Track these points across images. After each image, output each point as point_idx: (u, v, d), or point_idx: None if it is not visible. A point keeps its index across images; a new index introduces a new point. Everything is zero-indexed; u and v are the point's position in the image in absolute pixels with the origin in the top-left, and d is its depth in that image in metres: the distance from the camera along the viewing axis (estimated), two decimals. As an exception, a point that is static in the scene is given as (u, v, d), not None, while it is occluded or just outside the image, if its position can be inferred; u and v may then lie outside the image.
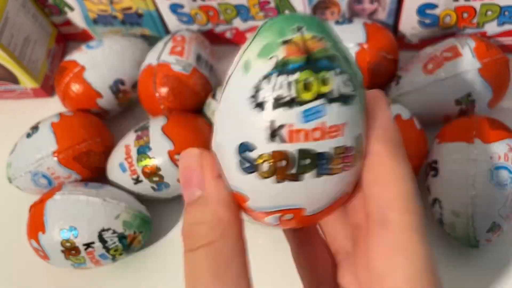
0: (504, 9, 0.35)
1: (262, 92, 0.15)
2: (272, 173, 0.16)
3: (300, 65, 0.15)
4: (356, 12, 0.39)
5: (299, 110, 0.15)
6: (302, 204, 0.17)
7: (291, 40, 0.15)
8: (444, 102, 0.34)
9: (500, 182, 0.29)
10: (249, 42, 0.16)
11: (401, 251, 0.16)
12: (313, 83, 0.15)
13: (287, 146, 0.15)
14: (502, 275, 0.32)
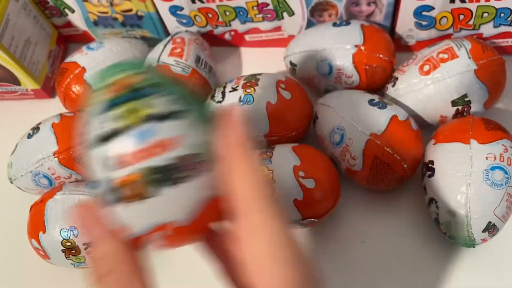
0: (500, 11, 0.36)
1: (100, 129, 0.18)
2: (130, 196, 0.18)
3: (125, 97, 0.17)
4: (353, 14, 0.39)
5: (133, 135, 0.17)
6: (169, 217, 0.18)
7: (115, 81, 0.18)
8: (440, 103, 0.34)
9: (496, 182, 0.30)
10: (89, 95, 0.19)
11: (259, 232, 0.18)
12: (138, 109, 0.17)
13: (132, 168, 0.17)
14: (498, 274, 0.32)
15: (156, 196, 0.18)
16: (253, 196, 0.19)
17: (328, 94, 0.36)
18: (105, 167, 0.18)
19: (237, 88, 0.36)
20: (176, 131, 0.18)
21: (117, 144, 0.17)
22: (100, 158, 0.18)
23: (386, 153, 0.32)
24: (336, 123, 0.33)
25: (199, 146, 0.18)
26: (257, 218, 0.18)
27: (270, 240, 0.18)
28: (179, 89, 0.19)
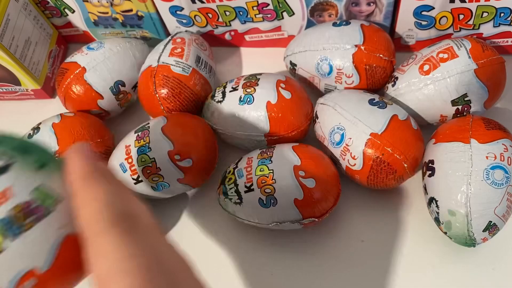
0: (500, 11, 0.36)
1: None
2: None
3: None
4: (353, 14, 0.39)
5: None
6: (28, 265, 0.19)
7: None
8: (440, 103, 0.34)
9: (496, 181, 0.30)
10: None
11: (96, 255, 0.18)
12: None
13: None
14: (498, 273, 0.32)
15: (6, 250, 0.18)
16: (95, 221, 0.18)
17: (328, 94, 0.36)
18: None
19: (237, 88, 0.36)
20: (5, 183, 0.18)
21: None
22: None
23: (386, 153, 0.32)
24: (336, 122, 0.33)
25: (31, 192, 0.19)
26: (94, 242, 0.18)
27: (107, 258, 0.18)
28: (5, 144, 0.20)
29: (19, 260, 0.18)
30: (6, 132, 0.21)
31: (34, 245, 0.19)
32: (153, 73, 0.37)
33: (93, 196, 0.19)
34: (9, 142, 0.20)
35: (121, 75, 0.39)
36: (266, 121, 0.34)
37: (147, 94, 0.37)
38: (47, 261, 0.19)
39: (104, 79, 0.38)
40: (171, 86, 0.36)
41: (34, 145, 0.21)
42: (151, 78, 0.37)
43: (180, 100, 0.37)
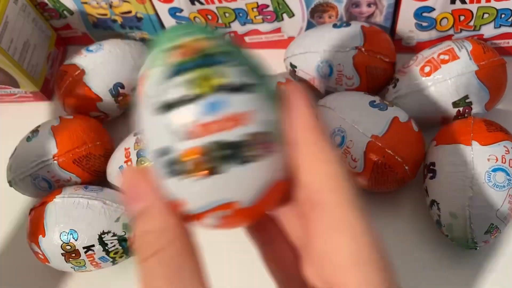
0: (501, 12, 0.36)
1: (165, 95, 0.16)
2: (194, 171, 0.16)
3: (196, 63, 0.16)
4: (353, 16, 0.39)
5: (203, 104, 0.16)
6: (234, 196, 0.17)
7: (183, 43, 0.16)
8: (442, 105, 0.34)
9: (498, 184, 0.29)
10: (149, 54, 0.17)
11: (340, 228, 0.16)
12: (210, 77, 0.16)
13: (201, 140, 0.16)
14: (500, 276, 0.32)
15: (222, 174, 0.16)
16: (332, 188, 0.16)
17: (328, 96, 0.36)
18: (168, 136, 0.16)
19: (237, 90, 0.35)
20: (249, 105, 0.16)
21: (186, 113, 0.16)
22: (163, 126, 0.16)
23: (387, 155, 0.31)
24: (337, 125, 0.33)
25: (270, 124, 0.17)
26: (337, 213, 0.16)
27: (353, 238, 0.16)
28: (249, 61, 0.17)
29: (231, 189, 0.17)
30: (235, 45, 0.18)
31: (248, 181, 0.17)
32: (153, 75, 0.37)
33: (327, 157, 0.17)
34: (252, 60, 0.17)
35: (120, 77, 0.39)
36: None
37: (147, 97, 0.37)
38: (251, 200, 0.17)
39: (103, 81, 0.38)
40: (171, 88, 0.36)
41: (266, 72, 0.18)
42: (150, 80, 0.37)
43: (180, 102, 0.36)
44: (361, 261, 0.16)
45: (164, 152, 0.16)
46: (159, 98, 0.16)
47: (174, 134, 0.16)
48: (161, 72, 0.16)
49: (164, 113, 0.16)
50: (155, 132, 0.16)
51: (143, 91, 0.16)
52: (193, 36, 0.16)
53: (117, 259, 0.33)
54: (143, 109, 0.17)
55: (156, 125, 0.16)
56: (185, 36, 0.16)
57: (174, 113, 0.16)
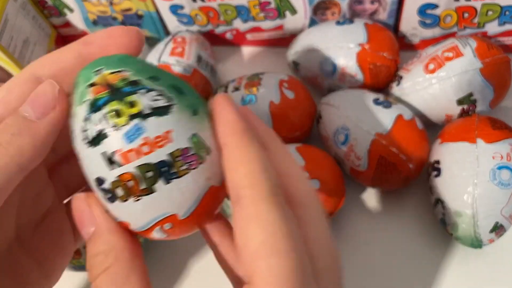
0: (505, 9, 0.35)
1: (88, 131, 0.18)
2: (128, 194, 0.18)
3: (106, 98, 0.18)
4: (357, 13, 0.38)
5: (121, 135, 0.17)
6: (171, 210, 0.19)
7: (94, 82, 0.18)
8: (446, 102, 0.34)
9: (503, 182, 0.29)
10: (76, 90, 0.19)
11: (252, 220, 0.17)
12: (122, 109, 0.18)
13: (127, 167, 0.18)
14: (505, 275, 0.32)
15: (154, 193, 0.18)
16: (249, 184, 0.18)
17: (332, 94, 0.36)
18: (99, 166, 0.18)
19: (239, 87, 0.35)
20: (162, 127, 0.18)
21: (107, 145, 0.18)
22: (94, 158, 0.18)
23: (392, 153, 0.31)
24: (340, 122, 0.33)
25: (188, 140, 0.18)
26: (252, 206, 0.17)
27: (264, 229, 0.17)
28: (162, 81, 0.19)
29: (166, 204, 0.18)
30: (151, 63, 0.20)
31: (183, 193, 0.18)
32: (154, 73, 0.36)
33: (248, 157, 0.18)
34: (166, 79, 0.19)
35: (121, 75, 0.39)
36: (269, 121, 0.34)
37: (148, 95, 0.37)
38: (189, 210, 0.19)
39: (104, 79, 0.38)
40: (172, 86, 0.36)
41: (186, 87, 0.20)
42: (151, 78, 0.36)
43: (182, 100, 0.36)
44: (270, 251, 0.17)
45: (99, 181, 0.18)
46: (86, 133, 0.18)
47: (103, 165, 0.18)
48: (83, 110, 0.18)
49: (92, 146, 0.18)
50: (88, 163, 0.18)
51: (74, 126, 0.18)
52: (105, 71, 0.18)
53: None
54: (76, 143, 0.19)
55: (88, 157, 0.18)
56: (96, 74, 0.18)
57: (100, 145, 0.18)
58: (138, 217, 0.19)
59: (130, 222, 0.19)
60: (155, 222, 0.19)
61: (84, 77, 0.18)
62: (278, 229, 0.17)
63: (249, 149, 0.18)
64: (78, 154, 0.19)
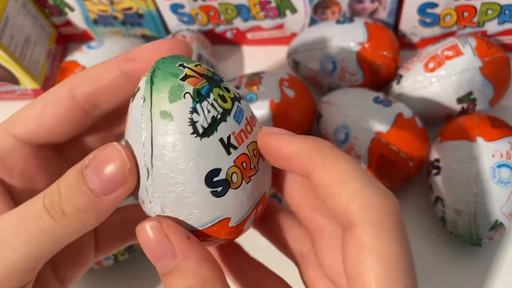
0: (505, 8, 0.35)
1: (200, 122, 0.17)
2: (242, 178, 0.18)
3: (207, 87, 0.17)
4: (357, 12, 0.39)
5: (232, 117, 0.18)
6: (265, 188, 0.19)
7: (186, 75, 0.17)
8: (446, 101, 0.34)
9: (502, 180, 0.29)
10: (148, 99, 0.17)
11: (370, 252, 0.16)
12: (224, 94, 0.18)
13: (241, 148, 0.18)
14: (505, 273, 0.32)
15: (257, 172, 0.18)
16: (359, 210, 0.16)
17: (332, 92, 0.36)
18: (213, 158, 0.17)
19: (240, 86, 0.35)
20: (248, 108, 0.19)
21: (223, 131, 0.17)
22: (204, 151, 0.17)
23: (392, 152, 0.31)
24: (340, 121, 0.33)
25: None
26: (368, 236, 0.16)
27: (384, 263, 0.16)
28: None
29: (262, 183, 0.19)
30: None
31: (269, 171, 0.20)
32: (155, 72, 0.36)
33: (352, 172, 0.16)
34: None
35: (122, 74, 0.39)
36: (270, 120, 0.34)
37: (149, 93, 0.37)
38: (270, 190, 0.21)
39: (104, 78, 0.38)
40: (173, 85, 0.36)
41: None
42: (152, 77, 0.36)
43: (182, 99, 0.36)
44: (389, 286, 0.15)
45: (213, 174, 0.17)
46: (197, 124, 0.17)
47: (220, 153, 0.17)
48: (186, 103, 0.17)
49: (207, 135, 0.17)
50: (197, 159, 0.17)
51: (176, 123, 0.17)
52: (189, 65, 0.18)
53: (119, 257, 0.33)
54: (171, 142, 0.17)
55: (198, 151, 0.17)
56: (184, 67, 0.17)
57: (217, 132, 0.17)
58: (243, 204, 0.18)
59: (232, 216, 0.18)
60: (255, 204, 0.19)
61: (170, 72, 0.17)
62: (398, 265, 0.16)
63: (340, 168, 0.17)
64: (174, 157, 0.17)
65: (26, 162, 0.20)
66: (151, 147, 0.17)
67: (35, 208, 0.17)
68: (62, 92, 0.19)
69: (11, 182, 0.20)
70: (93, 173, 0.17)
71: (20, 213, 0.17)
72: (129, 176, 0.17)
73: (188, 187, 0.17)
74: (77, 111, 0.20)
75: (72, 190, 0.17)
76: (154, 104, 0.17)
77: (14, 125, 0.20)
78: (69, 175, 0.17)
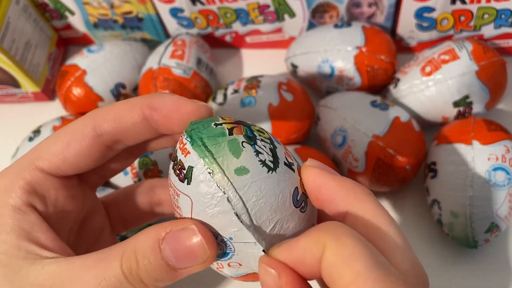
0: (501, 12, 0.36)
1: (266, 160, 0.18)
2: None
3: (247, 128, 0.19)
4: (354, 16, 0.39)
5: (276, 141, 0.19)
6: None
7: (228, 129, 0.18)
8: (442, 104, 0.34)
9: (498, 183, 0.30)
10: (217, 168, 0.18)
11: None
12: (256, 128, 0.19)
13: (294, 163, 0.20)
14: (500, 275, 0.32)
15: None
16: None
17: (329, 96, 0.36)
18: (289, 177, 0.18)
19: (239, 90, 0.36)
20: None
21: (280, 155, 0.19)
22: (283, 176, 0.18)
23: (389, 155, 0.32)
24: (338, 124, 0.33)
25: None
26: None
27: None
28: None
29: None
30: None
31: None
32: (154, 75, 0.37)
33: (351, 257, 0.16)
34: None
35: (122, 77, 0.39)
36: (268, 123, 0.34)
37: (148, 97, 0.37)
38: None
39: (104, 81, 0.38)
40: (172, 88, 0.36)
41: None
42: (151, 80, 0.37)
43: (181, 102, 0.37)
44: None
45: (295, 193, 0.19)
46: (266, 163, 0.18)
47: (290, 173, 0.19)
48: (249, 149, 0.18)
49: (278, 166, 0.18)
50: (281, 186, 0.18)
51: (252, 171, 0.18)
52: (220, 120, 0.19)
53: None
54: (263, 182, 0.18)
55: (279, 180, 0.18)
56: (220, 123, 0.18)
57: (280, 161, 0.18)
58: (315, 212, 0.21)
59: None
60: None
61: (216, 134, 0.18)
62: None
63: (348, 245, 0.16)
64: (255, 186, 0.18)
65: (56, 192, 0.21)
66: (242, 203, 0.18)
67: (113, 272, 0.18)
68: (85, 129, 0.20)
69: (47, 212, 0.20)
70: (170, 250, 0.18)
71: (97, 273, 0.18)
72: (207, 262, 0.18)
73: (284, 218, 0.18)
74: (100, 147, 0.21)
75: (150, 263, 0.18)
76: (225, 169, 0.17)
77: (39, 160, 0.20)
78: (145, 245, 0.18)
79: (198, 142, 0.18)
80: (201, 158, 0.17)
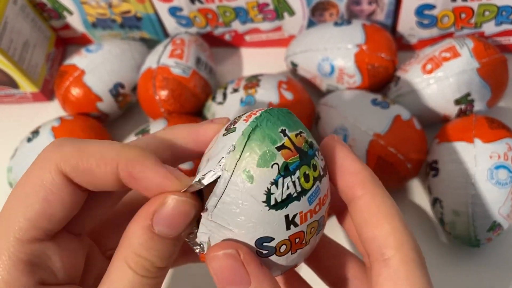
0: (502, 9, 0.36)
1: (275, 194, 0.17)
2: (288, 251, 0.18)
3: (297, 163, 0.17)
4: (354, 14, 0.39)
5: (306, 198, 0.18)
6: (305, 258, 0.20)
7: (283, 145, 0.17)
8: (443, 102, 0.34)
9: (500, 181, 0.29)
10: (238, 151, 0.17)
11: (403, 283, 0.18)
12: (309, 173, 0.18)
13: (301, 227, 0.18)
14: (503, 274, 0.32)
15: (307, 246, 0.19)
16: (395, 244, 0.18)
17: (330, 94, 0.36)
18: (270, 228, 0.18)
19: (238, 89, 0.35)
20: (326, 185, 0.19)
21: (292, 209, 0.18)
22: (267, 221, 0.18)
23: (390, 153, 0.31)
24: (338, 123, 0.33)
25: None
26: (402, 268, 0.18)
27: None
28: (307, 134, 0.19)
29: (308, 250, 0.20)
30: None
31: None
32: (153, 74, 0.36)
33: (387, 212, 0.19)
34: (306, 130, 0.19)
35: (121, 77, 0.39)
36: (268, 122, 0.34)
37: (147, 96, 0.37)
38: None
39: (103, 81, 0.38)
40: (171, 87, 0.36)
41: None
42: (151, 80, 0.36)
43: (181, 102, 0.36)
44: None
45: (264, 240, 0.18)
46: (270, 196, 0.17)
47: (280, 227, 0.18)
48: (271, 173, 0.17)
49: (275, 208, 0.17)
50: (257, 224, 0.17)
51: (254, 187, 0.17)
52: (290, 134, 0.18)
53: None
54: (242, 201, 0.17)
55: (261, 218, 0.17)
56: (284, 135, 0.17)
57: (285, 209, 0.17)
58: (281, 267, 0.19)
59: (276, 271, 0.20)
60: (288, 269, 0.20)
61: (269, 137, 0.17)
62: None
63: (386, 203, 0.19)
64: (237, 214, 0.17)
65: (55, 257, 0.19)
66: (222, 194, 0.17)
67: (128, 277, 0.17)
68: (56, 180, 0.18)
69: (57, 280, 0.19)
70: (164, 227, 0.17)
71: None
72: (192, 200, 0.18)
73: (239, 239, 0.18)
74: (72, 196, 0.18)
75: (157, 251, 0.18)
76: (241, 159, 0.17)
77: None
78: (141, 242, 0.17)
79: (254, 125, 0.17)
80: (241, 135, 0.17)
